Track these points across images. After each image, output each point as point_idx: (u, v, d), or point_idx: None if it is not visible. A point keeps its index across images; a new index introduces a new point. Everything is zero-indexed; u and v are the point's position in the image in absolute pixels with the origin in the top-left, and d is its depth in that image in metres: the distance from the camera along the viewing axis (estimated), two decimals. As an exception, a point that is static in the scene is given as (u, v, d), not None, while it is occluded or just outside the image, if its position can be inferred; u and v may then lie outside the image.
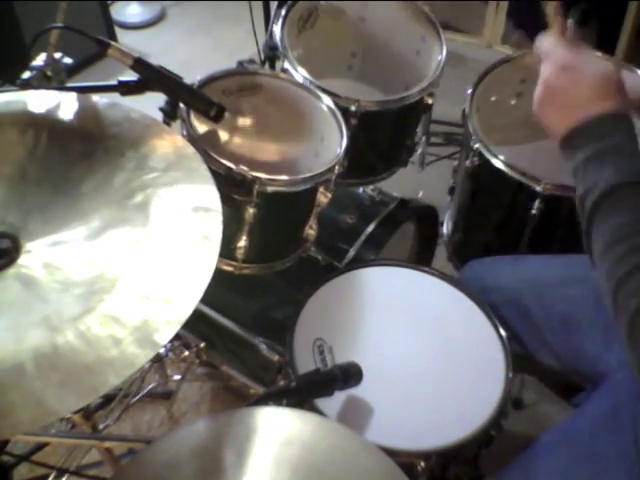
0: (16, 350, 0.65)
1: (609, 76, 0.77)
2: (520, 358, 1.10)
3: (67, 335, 0.67)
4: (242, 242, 1.08)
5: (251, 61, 1.30)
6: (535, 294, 1.11)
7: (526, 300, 1.12)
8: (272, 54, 1.36)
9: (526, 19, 2.43)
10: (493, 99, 1.41)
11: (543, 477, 0.92)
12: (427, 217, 1.55)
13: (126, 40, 2.68)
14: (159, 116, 1.03)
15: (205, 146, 1.01)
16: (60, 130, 0.87)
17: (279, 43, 1.29)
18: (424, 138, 1.47)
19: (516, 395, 1.55)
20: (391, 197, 1.48)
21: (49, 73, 1.04)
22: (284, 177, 1.05)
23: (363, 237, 1.36)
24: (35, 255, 0.75)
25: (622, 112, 0.75)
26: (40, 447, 1.40)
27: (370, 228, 1.38)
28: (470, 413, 0.98)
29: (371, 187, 1.50)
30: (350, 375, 0.90)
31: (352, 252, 1.34)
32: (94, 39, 0.96)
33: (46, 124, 0.87)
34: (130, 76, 0.98)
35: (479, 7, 2.56)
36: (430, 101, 1.33)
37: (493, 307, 1.13)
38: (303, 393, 0.87)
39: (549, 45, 0.82)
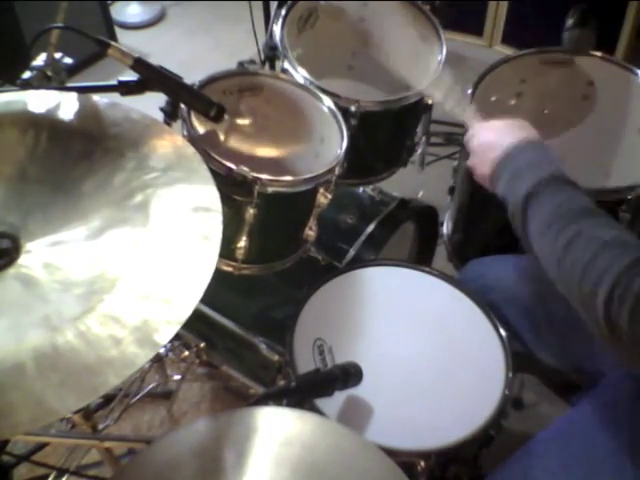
0: (16, 350, 0.65)
1: (511, 122, 0.96)
2: (520, 357, 1.10)
3: (67, 335, 0.67)
4: (242, 242, 1.08)
5: (251, 61, 1.30)
6: (536, 293, 1.11)
7: (526, 299, 1.12)
8: (272, 54, 1.36)
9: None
10: (493, 99, 1.41)
11: (539, 474, 0.92)
12: (427, 217, 1.55)
13: (126, 40, 2.68)
14: (159, 116, 1.03)
15: (205, 146, 1.01)
16: (60, 130, 0.87)
17: (279, 43, 1.28)
18: (424, 138, 1.47)
19: (516, 395, 1.55)
20: (391, 197, 1.48)
21: (49, 73, 1.04)
22: (285, 178, 1.05)
23: (363, 237, 1.36)
24: (35, 255, 0.75)
25: (528, 139, 0.91)
26: (40, 447, 1.40)
27: (370, 228, 1.38)
28: (470, 413, 0.98)
29: (371, 187, 1.50)
30: (350, 375, 0.90)
31: (352, 252, 1.34)
32: (94, 39, 0.95)
33: (46, 124, 0.87)
34: (130, 76, 0.98)
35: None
36: (430, 101, 1.33)
37: (494, 306, 1.13)
38: (303, 393, 0.87)
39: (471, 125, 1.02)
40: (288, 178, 1.06)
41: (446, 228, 1.55)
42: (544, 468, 0.92)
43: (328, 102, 1.19)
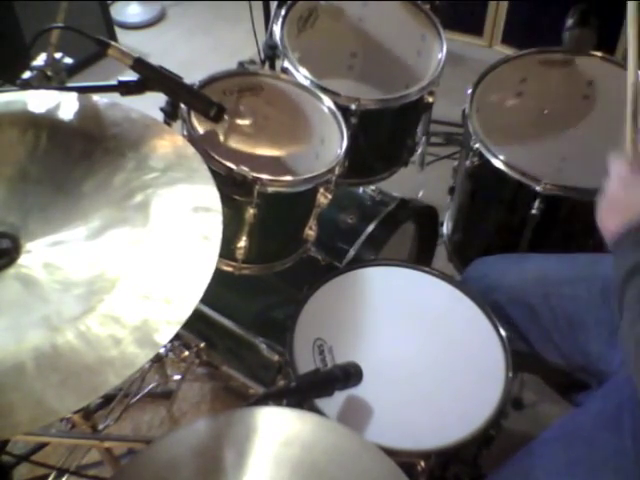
0: (16, 350, 0.65)
1: None
2: (524, 356, 1.10)
3: (67, 335, 0.67)
4: (242, 242, 1.09)
5: (251, 61, 1.30)
6: (541, 293, 1.11)
7: (532, 299, 1.12)
8: (272, 53, 1.36)
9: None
10: (493, 99, 1.41)
11: (542, 474, 0.92)
12: (427, 217, 1.55)
13: (126, 40, 2.68)
14: (159, 116, 1.03)
15: (205, 146, 1.01)
16: (60, 130, 0.86)
17: (279, 43, 1.29)
18: (424, 138, 1.47)
19: (516, 395, 1.55)
20: (391, 197, 1.48)
21: (49, 73, 1.04)
22: (285, 178, 1.05)
23: (363, 237, 1.36)
24: (35, 255, 0.75)
25: None
26: (40, 447, 1.40)
27: (370, 228, 1.38)
28: (470, 413, 0.98)
29: (371, 187, 1.50)
30: (350, 375, 0.90)
31: (352, 252, 1.34)
32: (94, 39, 0.95)
33: (46, 124, 0.87)
34: (130, 76, 0.98)
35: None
36: (430, 100, 1.33)
37: (498, 306, 1.13)
38: (303, 393, 0.87)
39: (618, 164, 0.93)
40: (288, 178, 1.06)
41: (446, 228, 1.55)
42: (547, 468, 0.92)
43: (328, 102, 1.19)
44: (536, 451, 0.95)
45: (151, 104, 1.02)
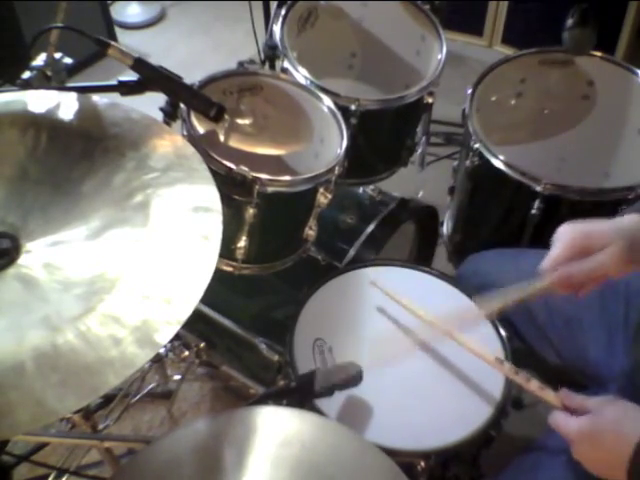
0: (16, 350, 0.65)
1: (620, 412, 0.80)
2: (521, 353, 1.10)
3: (67, 335, 0.66)
4: (242, 242, 1.09)
5: (251, 61, 1.30)
6: None
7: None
8: (272, 54, 1.36)
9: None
10: (493, 99, 1.41)
11: (547, 475, 0.92)
12: (427, 217, 1.55)
13: (126, 40, 2.68)
14: (159, 116, 1.03)
15: (205, 146, 1.01)
16: (60, 130, 0.86)
17: (279, 43, 1.29)
18: (424, 138, 1.47)
19: (516, 395, 1.55)
20: (391, 197, 1.48)
21: (49, 73, 1.04)
22: (284, 177, 1.05)
23: (363, 237, 1.36)
24: (35, 255, 0.75)
25: None
26: (40, 447, 1.40)
27: (370, 228, 1.37)
28: (470, 413, 0.98)
29: (371, 187, 1.50)
30: (350, 375, 0.90)
31: (352, 252, 1.34)
32: (94, 39, 0.96)
33: (46, 124, 0.87)
34: (130, 76, 0.98)
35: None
36: (430, 100, 1.33)
37: None
38: (303, 393, 0.87)
39: (561, 421, 0.83)
40: (288, 178, 1.06)
41: (446, 228, 1.55)
42: (552, 476, 0.92)
43: (328, 102, 1.19)
44: (542, 458, 0.95)
45: (151, 104, 1.02)
